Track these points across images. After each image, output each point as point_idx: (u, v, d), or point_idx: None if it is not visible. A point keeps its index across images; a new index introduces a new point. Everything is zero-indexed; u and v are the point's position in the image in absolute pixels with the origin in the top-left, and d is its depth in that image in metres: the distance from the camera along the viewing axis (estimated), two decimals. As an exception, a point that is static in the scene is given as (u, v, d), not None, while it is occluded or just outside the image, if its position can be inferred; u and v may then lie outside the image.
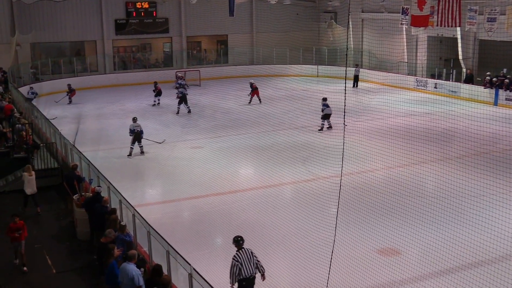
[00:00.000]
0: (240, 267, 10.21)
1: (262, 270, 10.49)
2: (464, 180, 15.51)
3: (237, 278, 10.21)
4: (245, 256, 10.31)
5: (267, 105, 29.74)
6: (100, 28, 40.50)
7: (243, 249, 10.44)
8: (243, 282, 10.20)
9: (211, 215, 15.47)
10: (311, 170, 18.91)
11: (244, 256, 10.31)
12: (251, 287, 10.34)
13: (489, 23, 29.46)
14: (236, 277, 10.21)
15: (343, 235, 12.16)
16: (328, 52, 42.53)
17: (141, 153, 21.82)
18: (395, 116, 25.32)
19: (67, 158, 18.14)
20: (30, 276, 12.67)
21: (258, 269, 10.44)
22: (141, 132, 21.75)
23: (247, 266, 10.24)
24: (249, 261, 10.29)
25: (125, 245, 11.24)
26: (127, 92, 36.49)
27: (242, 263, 10.24)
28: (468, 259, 11.93)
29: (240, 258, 10.27)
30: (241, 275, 10.19)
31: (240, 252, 10.39)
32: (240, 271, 10.20)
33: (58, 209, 16.81)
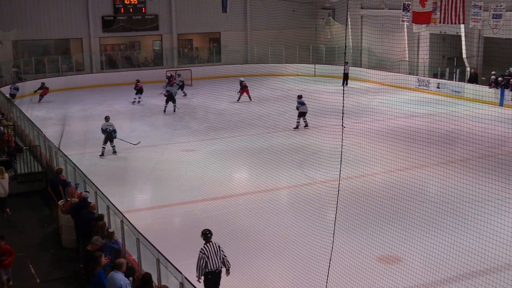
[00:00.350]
0: (206, 260, 10.54)
1: (228, 265, 10.84)
2: (468, 184, 15.40)
3: (204, 271, 10.55)
4: (212, 250, 10.64)
5: (262, 106, 29.86)
6: (86, 25, 39.87)
7: (210, 242, 10.76)
8: (208, 275, 10.55)
9: (203, 221, 15.06)
10: (308, 174, 19.01)
11: (212, 250, 10.64)
12: (216, 281, 10.67)
13: (495, 20, 29.53)
14: (203, 270, 10.55)
15: (342, 242, 12.34)
16: (326, 50, 42.44)
17: (113, 153, 22.07)
18: (396, 117, 25.60)
19: (52, 162, 17.96)
20: (13, 286, 12.29)
21: (224, 263, 10.79)
22: (113, 132, 21.91)
23: (213, 259, 10.58)
24: (215, 255, 10.64)
25: (113, 253, 11.06)
26: (115, 93, 36.24)
27: (209, 256, 10.57)
28: (472, 267, 11.82)
29: (207, 252, 10.60)
30: (207, 268, 10.53)
31: (207, 245, 10.71)
32: (206, 264, 10.54)
33: (42, 215, 16.64)
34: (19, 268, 13.09)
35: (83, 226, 12.83)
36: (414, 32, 35.56)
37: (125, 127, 27.00)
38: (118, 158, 21.74)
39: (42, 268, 13.17)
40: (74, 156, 19.03)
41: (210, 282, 10.59)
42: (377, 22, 37.25)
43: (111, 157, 21.88)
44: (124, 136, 23.90)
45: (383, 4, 37.47)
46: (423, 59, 35.93)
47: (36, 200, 17.70)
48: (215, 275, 10.61)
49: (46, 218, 16.32)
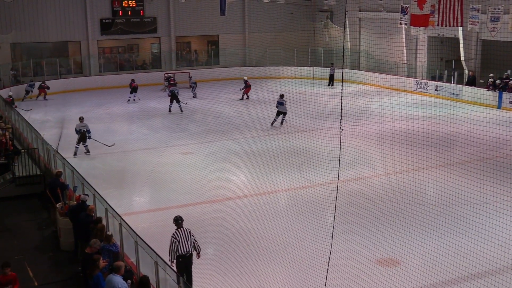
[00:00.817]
0: (177, 244, 11.20)
1: (198, 249, 11.54)
2: (467, 187, 15.61)
3: (175, 255, 11.17)
4: (183, 235, 11.31)
5: (260, 109, 29.50)
6: (85, 27, 39.77)
7: (182, 228, 11.44)
8: (179, 259, 11.17)
9: (202, 224, 15.09)
10: (306, 176, 18.87)
11: (182, 235, 11.31)
12: (187, 264, 11.29)
13: (492, 23, 29.41)
14: (174, 253, 11.18)
15: (340, 245, 12.29)
16: (324, 53, 42.31)
17: (86, 152, 22.27)
18: (394, 120, 25.79)
19: (50, 165, 17.87)
20: None
21: (195, 248, 11.45)
22: (87, 132, 22.11)
23: (184, 244, 11.24)
24: (186, 240, 11.30)
25: (111, 256, 11.04)
26: (113, 95, 36.17)
27: (180, 240, 11.25)
28: (471, 270, 11.78)
29: (178, 236, 11.29)
30: (178, 252, 11.18)
31: (178, 230, 11.40)
32: (177, 248, 11.19)
33: (40, 218, 16.50)
34: (17, 271, 12.78)
35: (81, 229, 12.78)
36: (412, 34, 35.57)
37: (123, 129, 27.05)
38: (116, 161, 21.64)
39: (40, 271, 13.08)
40: (72, 159, 19.20)
41: (181, 265, 11.15)
42: (375, 24, 37.13)
43: (109, 160, 21.75)
44: (123, 139, 23.96)
45: (381, 7, 37.38)
46: (421, 61, 35.88)
47: (34, 203, 17.61)
48: (186, 259, 11.20)
49: (44, 221, 16.22)
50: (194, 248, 11.48)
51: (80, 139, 22.10)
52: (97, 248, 10.90)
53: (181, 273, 10.94)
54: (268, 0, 39.84)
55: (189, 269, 11.40)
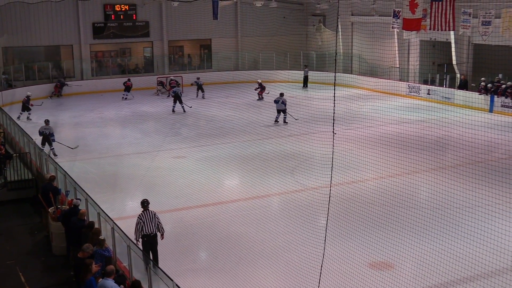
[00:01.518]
0: (142, 225, 12.28)
1: (162, 231, 12.53)
2: (459, 190, 15.64)
3: (140, 234, 12.21)
4: (148, 216, 12.39)
5: (253, 113, 29.66)
6: (77, 31, 39.55)
7: (147, 210, 12.52)
8: (144, 238, 12.25)
9: (194, 228, 15.28)
10: (299, 180, 18.80)
11: (147, 216, 12.39)
12: (152, 243, 12.32)
13: (484, 27, 29.52)
14: (140, 233, 12.22)
15: (333, 248, 12.36)
16: (317, 57, 42.30)
17: (53, 155, 21.87)
18: (387, 123, 25.61)
19: (42, 169, 17.83)
20: None
21: (159, 229, 12.45)
22: (50, 135, 22.24)
23: (149, 224, 12.31)
24: (151, 221, 12.36)
25: (104, 260, 11.03)
26: (106, 99, 36.10)
27: (145, 221, 12.33)
28: (463, 273, 11.83)
29: (144, 217, 12.38)
30: (143, 232, 12.25)
31: (144, 212, 12.48)
32: (142, 228, 12.27)
33: (32, 223, 16.50)
34: (9, 276, 13.00)
35: (73, 234, 12.76)
36: (404, 38, 35.68)
37: (116, 133, 26.97)
38: (108, 165, 21.53)
39: (32, 276, 13.03)
40: (65, 164, 18.91)
41: (146, 244, 12.24)
42: (368, 29, 37.15)
43: (102, 164, 21.64)
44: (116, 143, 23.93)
45: (373, 11, 37.35)
46: (414, 65, 35.92)
47: (26, 208, 17.57)
48: (150, 238, 12.29)
49: (36, 225, 16.18)
50: (158, 229, 12.47)
51: (43, 140, 22.17)
52: (90, 253, 10.90)
53: (147, 251, 12.03)
54: (260, 4, 39.70)
55: (154, 248, 12.39)
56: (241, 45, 44.47)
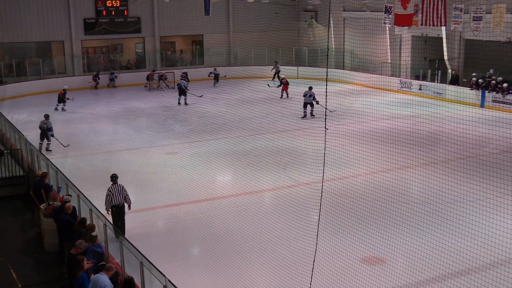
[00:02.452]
0: (112, 197, 13.92)
1: (129, 202, 14.16)
2: (450, 185, 15.79)
3: (110, 205, 13.83)
4: (117, 189, 14.03)
5: (245, 108, 29.60)
6: (68, 27, 39.31)
7: (116, 183, 14.18)
8: (113, 208, 13.87)
9: (187, 224, 15.31)
10: (291, 176, 18.85)
11: (116, 189, 14.03)
12: (120, 213, 13.93)
13: (475, 22, 29.48)
14: (109, 204, 13.85)
15: (325, 243, 12.32)
16: (309, 52, 42.26)
17: (46, 150, 22.38)
18: (379, 119, 25.86)
19: (34, 166, 17.74)
20: None
21: (126, 200, 14.08)
22: (47, 130, 22.48)
23: (117, 196, 13.93)
24: (119, 193, 13.99)
25: (96, 257, 11.13)
26: (98, 96, 36.06)
27: (114, 193, 13.95)
28: (455, 267, 12.00)
29: (113, 190, 14.03)
30: (112, 203, 13.88)
31: (113, 185, 14.14)
32: (111, 199, 13.90)
33: (24, 219, 16.39)
34: (0, 274, 12.93)
35: (64, 229, 12.76)
36: (396, 34, 35.69)
37: (108, 130, 26.89)
38: (100, 161, 21.50)
39: (24, 273, 12.96)
40: (56, 160, 18.88)
41: (115, 213, 13.84)
42: (360, 24, 37.15)
43: (94, 160, 21.62)
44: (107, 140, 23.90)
45: (365, 7, 37.32)
46: (405, 61, 35.91)
47: (18, 204, 17.45)
48: (118, 208, 13.87)
49: (28, 222, 16.07)
50: (126, 200, 14.06)
51: (41, 135, 22.46)
52: (83, 249, 10.86)
53: (116, 221, 13.67)
54: (252, 0, 39.59)
55: (122, 218, 13.99)
56: (233, 41, 44.37)
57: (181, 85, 32.07)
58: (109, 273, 9.77)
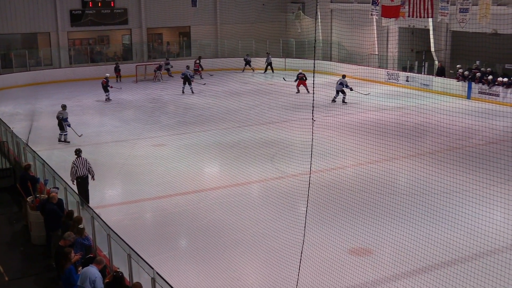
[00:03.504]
0: (76, 169, 15.32)
1: (92, 173, 15.62)
2: (437, 176, 15.98)
3: (74, 176, 15.24)
4: (80, 162, 15.48)
5: (233, 100, 29.59)
6: (54, 19, 39.05)
7: (80, 157, 15.60)
8: (78, 179, 15.32)
9: (175, 216, 15.24)
10: (279, 167, 18.79)
11: (80, 162, 15.46)
12: (84, 184, 15.42)
13: (462, 14, 29.64)
14: (74, 175, 15.26)
15: (313, 235, 12.42)
16: (296, 44, 42.27)
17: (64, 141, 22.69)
18: (366, 110, 25.69)
19: (20, 158, 17.66)
20: None
21: (89, 172, 15.53)
22: (63, 120, 22.60)
23: (81, 169, 15.37)
24: (83, 166, 15.42)
25: (84, 249, 11.08)
26: (84, 87, 35.74)
27: (78, 166, 15.37)
28: (442, 258, 12.11)
29: (77, 163, 15.43)
30: (77, 174, 15.31)
31: (77, 159, 15.54)
32: (76, 171, 15.30)
33: (10, 212, 16.25)
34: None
35: (50, 220, 12.75)
36: (383, 26, 35.72)
37: (94, 122, 26.75)
38: (87, 154, 21.18)
39: (11, 265, 12.86)
40: (43, 152, 18.75)
41: (80, 184, 15.22)
42: (347, 16, 37.26)
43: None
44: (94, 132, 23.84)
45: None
46: (392, 52, 36.01)
47: (4, 197, 17.30)
48: (82, 179, 15.30)
49: (14, 215, 15.96)
50: (89, 172, 15.45)
51: (58, 125, 22.60)
52: (71, 241, 10.81)
53: (80, 190, 14.81)
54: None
55: (86, 188, 15.37)
56: (220, 32, 44.24)
57: (186, 74, 32.57)
58: (99, 266, 9.75)
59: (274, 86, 32.83)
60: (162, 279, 8.82)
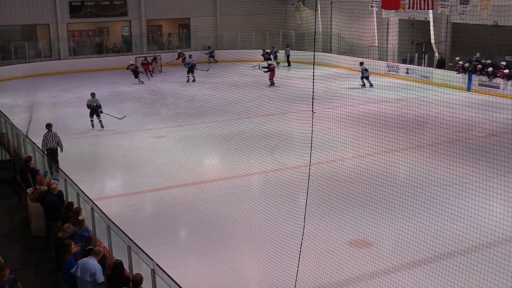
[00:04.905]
0: (46, 141, 17.15)
1: (61, 146, 17.41)
2: (437, 168, 15.91)
3: (45, 148, 16.99)
4: (50, 136, 17.23)
5: (232, 92, 29.51)
6: (53, 10, 39.03)
7: (51, 131, 17.30)
8: (48, 151, 17.04)
9: (174, 207, 15.23)
10: (279, 159, 18.82)
11: (50, 136, 17.23)
12: (54, 155, 17.18)
13: (462, 6, 29.75)
14: (44, 147, 17.03)
15: (313, 227, 12.33)
16: (296, 36, 42.17)
17: (101, 127, 23.53)
18: (366, 102, 25.69)
19: (20, 150, 17.56)
20: None
21: (59, 144, 17.31)
22: (97, 107, 23.31)
23: (51, 141, 17.19)
24: (53, 139, 17.22)
25: (84, 241, 10.98)
26: (84, 79, 35.69)
27: (48, 139, 17.16)
28: (441, 250, 12.08)
29: (47, 136, 17.22)
30: (47, 146, 17.09)
31: (48, 133, 17.28)
32: (46, 144, 17.12)
33: (10, 204, 16.25)
34: (-13, 258, 12.84)
35: (49, 210, 12.74)
36: (383, 17, 35.65)
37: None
38: (87, 145, 21.47)
39: (12, 257, 12.79)
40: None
41: (50, 155, 16.79)
42: (347, 7, 37.01)
43: (80, 144, 21.53)
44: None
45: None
46: (392, 44, 35.92)
47: (4, 189, 17.28)
48: (52, 151, 17.10)
49: (14, 206, 15.95)
50: (58, 145, 17.18)
51: (92, 113, 23.35)
52: (70, 233, 10.77)
53: (50, 161, 16.22)
54: (239, -17, 39.59)
55: (56, 159, 17.03)
56: (220, 24, 44.14)
57: (192, 63, 33.68)
58: (98, 257, 9.71)
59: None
60: (162, 270, 8.80)
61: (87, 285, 9.41)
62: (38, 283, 11.79)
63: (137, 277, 9.04)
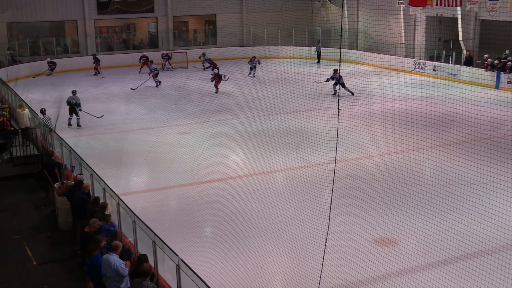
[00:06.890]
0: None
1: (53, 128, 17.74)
2: (464, 167, 15.55)
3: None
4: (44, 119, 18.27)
5: (258, 89, 29.45)
6: (81, 7, 39.42)
7: (45, 115, 19.10)
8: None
9: (199, 203, 15.26)
10: (304, 156, 18.68)
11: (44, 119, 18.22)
12: None
13: (491, 2, 29.45)
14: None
15: (337, 225, 12.08)
16: (322, 32, 41.89)
17: (77, 125, 23.38)
18: (392, 100, 25.68)
19: (47, 145, 17.80)
20: (9, 268, 12.36)
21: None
22: (76, 105, 23.28)
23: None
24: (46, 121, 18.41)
25: (110, 236, 11.01)
26: (111, 75, 36.02)
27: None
28: (467, 249, 11.89)
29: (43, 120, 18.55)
30: None
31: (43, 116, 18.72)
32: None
33: (38, 198, 16.53)
34: (15, 250, 13.07)
35: (77, 207, 12.84)
36: (410, 14, 35.42)
37: (120, 109, 26.93)
38: (113, 141, 21.60)
39: (39, 250, 13.08)
40: (70, 139, 18.95)
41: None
42: (373, 4, 36.54)
43: (106, 140, 21.75)
44: (120, 119, 23.99)
45: (379, -14, 37.07)
46: (419, 41, 35.64)
47: (32, 183, 17.59)
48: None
49: (42, 200, 16.20)
50: None
51: (70, 110, 23.22)
52: (97, 228, 10.87)
53: None
54: (265, -21, 39.57)
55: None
56: (246, 20, 44.12)
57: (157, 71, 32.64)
58: (117, 252, 9.75)
59: (299, 75, 32.75)
60: (187, 265, 8.83)
61: (111, 282, 9.52)
62: (64, 277, 11.94)
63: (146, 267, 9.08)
